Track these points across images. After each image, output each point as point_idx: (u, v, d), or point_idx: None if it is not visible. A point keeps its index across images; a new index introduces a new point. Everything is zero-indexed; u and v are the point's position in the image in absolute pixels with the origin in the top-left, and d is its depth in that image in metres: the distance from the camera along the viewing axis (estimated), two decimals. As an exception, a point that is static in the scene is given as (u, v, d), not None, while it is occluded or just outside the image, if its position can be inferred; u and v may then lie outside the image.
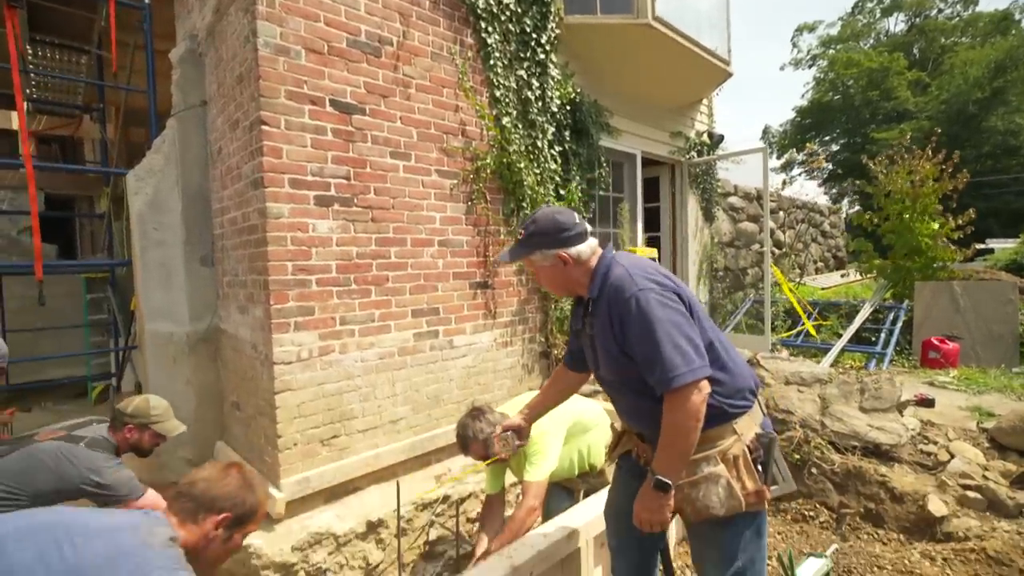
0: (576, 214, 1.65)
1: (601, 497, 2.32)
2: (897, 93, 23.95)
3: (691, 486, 1.49)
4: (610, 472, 2.16)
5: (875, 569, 2.58)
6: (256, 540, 2.35)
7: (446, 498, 2.90)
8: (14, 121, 8.37)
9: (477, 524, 2.41)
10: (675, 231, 6.23)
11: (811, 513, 3.09)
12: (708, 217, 6.57)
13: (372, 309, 2.89)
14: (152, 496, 2.13)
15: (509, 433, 1.96)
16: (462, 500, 2.99)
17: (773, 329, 6.02)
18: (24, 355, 6.19)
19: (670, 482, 1.42)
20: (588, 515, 2.13)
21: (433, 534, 2.84)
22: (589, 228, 1.66)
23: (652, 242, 6.02)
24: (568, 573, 2.05)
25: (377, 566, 2.59)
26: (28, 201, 7.40)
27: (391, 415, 2.98)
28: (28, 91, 6.49)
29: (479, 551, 2.30)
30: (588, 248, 1.61)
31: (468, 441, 2.27)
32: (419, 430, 3.12)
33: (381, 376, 2.93)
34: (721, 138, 6.29)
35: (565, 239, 1.57)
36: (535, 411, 2.04)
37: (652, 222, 6.12)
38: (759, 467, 1.49)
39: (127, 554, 1.07)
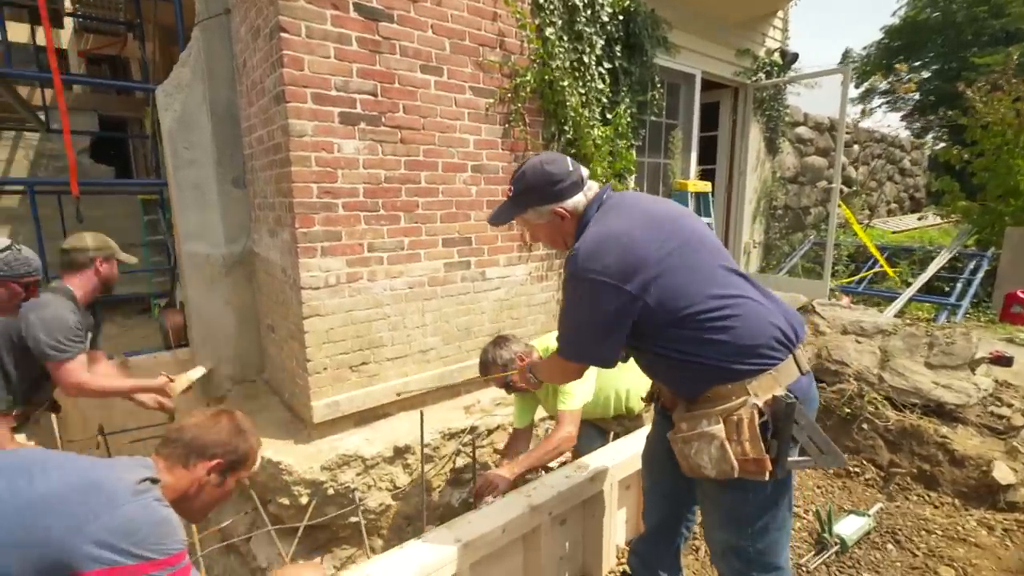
0: (568, 160, 1.48)
1: (630, 440, 2.23)
2: (1010, 9, 20.63)
3: (684, 442, 1.39)
4: (649, 417, 2.05)
5: (922, 532, 2.42)
6: (287, 458, 2.43)
7: (473, 429, 2.90)
8: (64, 40, 8.43)
9: (501, 454, 2.40)
10: (732, 164, 5.73)
11: (856, 469, 2.92)
12: (771, 149, 5.99)
13: (401, 237, 2.78)
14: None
15: (529, 368, 1.87)
16: (489, 432, 2.99)
17: (833, 274, 5.58)
18: (89, 271, 6.57)
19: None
20: (615, 457, 2.05)
21: (460, 462, 2.87)
22: (585, 173, 1.51)
23: (706, 176, 5.57)
24: (590, 514, 2.00)
25: (404, 489, 2.65)
26: (84, 122, 7.55)
27: (420, 345, 2.94)
28: (73, 6, 6.45)
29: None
30: (585, 198, 1.48)
31: (488, 366, 2.24)
32: (449, 361, 3.09)
33: (411, 306, 2.87)
34: (795, 57, 5.58)
35: (559, 192, 1.43)
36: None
37: (707, 153, 5.64)
38: (768, 434, 1.32)
39: (98, 486, 1.05)
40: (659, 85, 4.25)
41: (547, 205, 1.45)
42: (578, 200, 1.46)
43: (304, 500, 2.41)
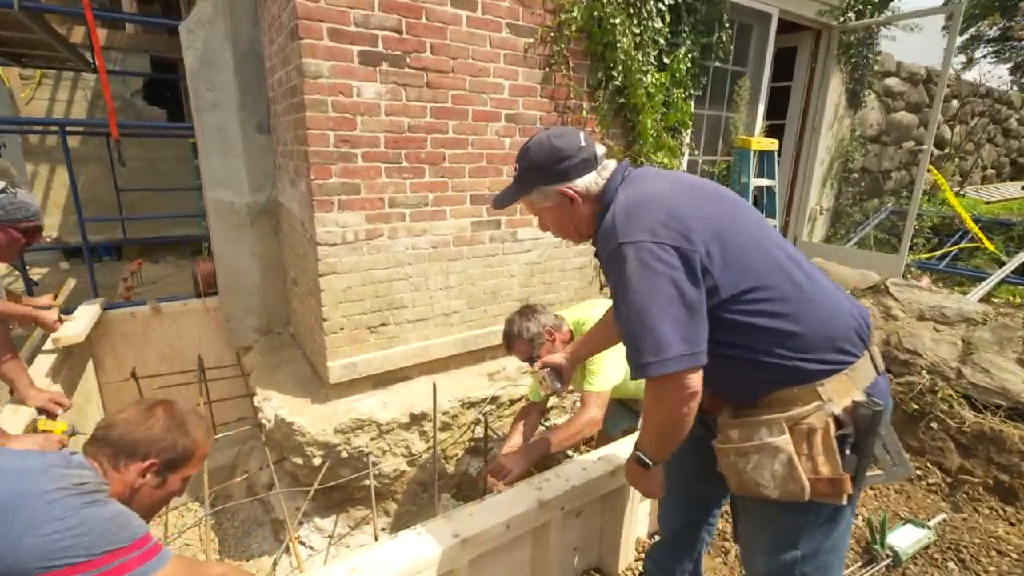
0: (581, 134, 1.26)
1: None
2: None
3: (738, 454, 1.16)
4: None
5: (993, 553, 2.13)
6: (301, 418, 2.37)
7: (494, 399, 2.76)
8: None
9: (511, 428, 2.25)
10: (806, 119, 5.11)
11: (919, 472, 2.61)
12: (853, 103, 5.30)
13: (425, 192, 2.58)
14: None
15: (547, 371, 1.68)
16: (512, 402, 2.85)
17: (911, 248, 4.98)
18: (143, 213, 6.82)
19: (650, 462, 1.23)
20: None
21: (479, 431, 2.76)
22: (602, 150, 1.25)
23: (773, 132, 5.00)
24: (609, 508, 1.83)
25: (419, 456, 2.57)
26: (136, 63, 7.57)
27: (444, 308, 2.79)
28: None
29: (509, 443, 2.17)
30: (599, 178, 1.26)
31: (512, 338, 2.08)
32: (474, 325, 2.93)
33: (434, 266, 2.70)
34: (894, -6, 4.80)
35: (566, 170, 1.23)
36: (580, 352, 1.76)
37: (777, 106, 5.04)
38: (847, 447, 1.09)
39: (23, 502, 0.93)
40: (727, 26, 3.73)
41: (553, 185, 1.25)
42: (589, 180, 1.24)
43: (317, 461, 2.37)
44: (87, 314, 2.86)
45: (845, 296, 1.23)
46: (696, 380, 1.08)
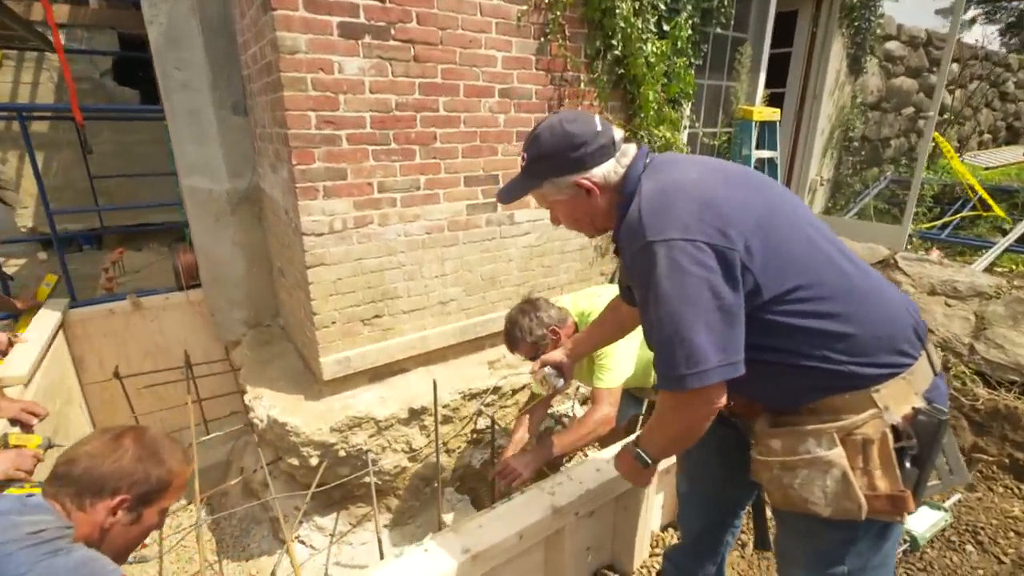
0: (596, 118, 1.12)
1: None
2: None
3: (783, 467, 1.06)
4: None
5: (1011, 534, 2.09)
6: (294, 418, 2.26)
7: (496, 389, 2.66)
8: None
9: (516, 423, 2.16)
10: (806, 86, 4.95)
11: (931, 451, 2.55)
12: (854, 68, 5.14)
13: (416, 175, 2.42)
14: None
15: (549, 369, 1.59)
16: (514, 391, 2.75)
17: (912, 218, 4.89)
18: (122, 200, 6.55)
19: (650, 462, 1.19)
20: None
21: (481, 423, 2.67)
22: (620, 134, 1.14)
23: (773, 101, 4.83)
24: (623, 506, 1.75)
25: (420, 451, 2.48)
26: (104, 42, 7.18)
27: (440, 296, 2.66)
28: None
29: (515, 438, 2.08)
30: (619, 166, 1.12)
31: (515, 340, 1.98)
32: (472, 313, 2.81)
33: (428, 253, 2.56)
34: (900, -49, 4.58)
35: (582, 158, 1.10)
36: (581, 348, 1.66)
37: (776, 73, 4.86)
38: (907, 460, 0.99)
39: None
40: (729, -12, 3.53)
41: (567, 176, 1.11)
42: (608, 169, 1.11)
43: (314, 462, 2.27)
44: (43, 332, 2.57)
45: (896, 290, 1.12)
46: (724, 392, 1.00)
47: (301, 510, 2.36)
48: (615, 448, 1.74)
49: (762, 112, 4.15)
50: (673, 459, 1.80)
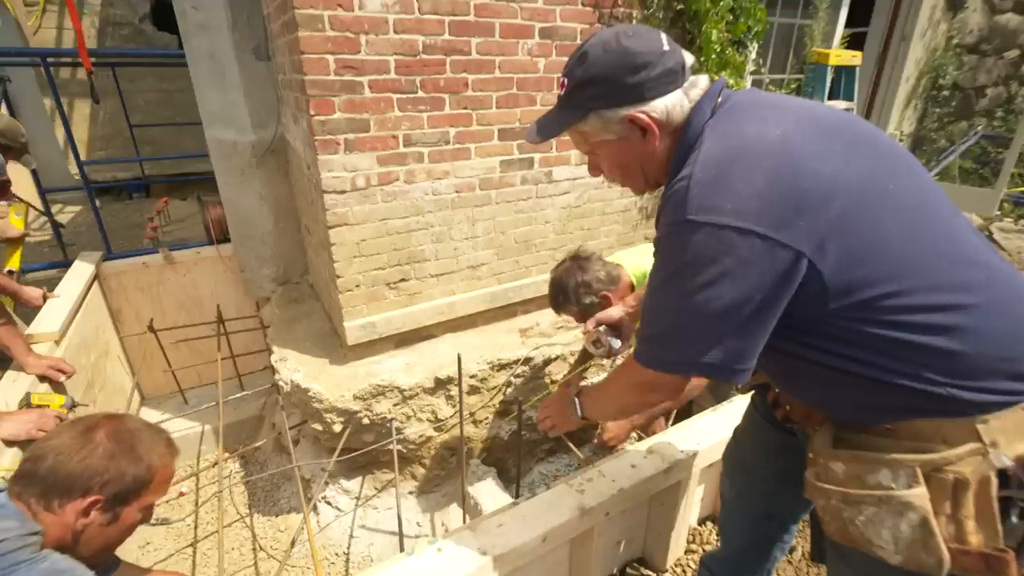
0: (662, 35, 0.88)
1: (724, 415, 1.73)
2: None
3: (845, 500, 0.86)
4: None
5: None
6: (317, 384, 2.19)
7: (527, 360, 2.52)
8: None
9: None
10: (893, 26, 4.32)
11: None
12: (953, 3, 4.44)
13: (446, 127, 2.20)
14: None
15: (604, 329, 1.37)
16: (547, 362, 2.60)
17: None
18: (166, 149, 6.62)
19: (587, 418, 1.18)
20: (701, 439, 1.58)
21: (510, 393, 2.55)
22: (688, 60, 0.91)
23: (855, 43, 4.25)
24: (658, 502, 1.60)
25: (446, 421, 2.39)
26: (134, -19, 7.00)
27: (470, 260, 2.49)
28: None
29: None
30: (686, 100, 0.90)
31: (561, 302, 1.82)
32: (504, 278, 2.64)
33: (458, 213, 2.37)
34: None
35: (642, 84, 0.87)
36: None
37: (860, 10, 4.25)
38: (1013, 512, 0.77)
39: None
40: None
41: (620, 108, 0.88)
42: (673, 102, 0.88)
43: (338, 428, 2.21)
44: (76, 286, 2.55)
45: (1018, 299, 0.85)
46: (682, 386, 0.96)
47: (326, 471, 2.34)
48: (655, 440, 1.58)
49: (840, 56, 3.64)
50: (718, 455, 1.62)
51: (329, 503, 2.48)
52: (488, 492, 2.36)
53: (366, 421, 2.24)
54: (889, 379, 0.80)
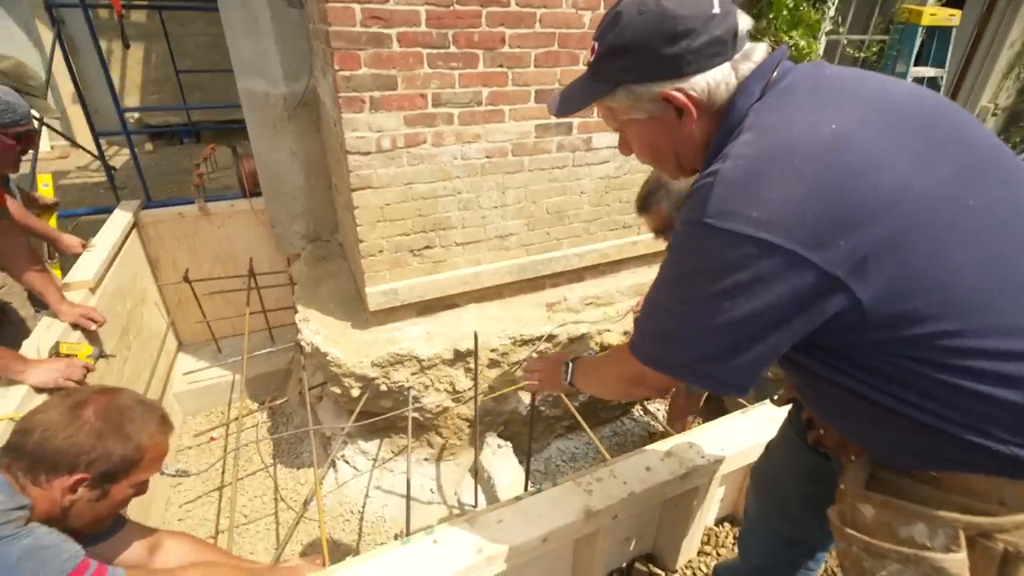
0: None
1: (752, 419, 1.60)
2: None
3: (867, 550, 0.76)
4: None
5: None
6: (336, 349, 2.18)
7: (551, 337, 2.43)
8: None
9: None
10: (1004, -20, 3.75)
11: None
12: (1084, -46, 3.80)
13: (479, 86, 2.06)
14: None
15: None
16: (572, 340, 2.51)
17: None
18: (215, 94, 6.68)
19: (573, 385, 1.17)
20: (726, 445, 1.47)
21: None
22: (744, 24, 0.75)
23: (953, 0, 3.73)
24: (672, 504, 1.51)
25: (463, 393, 2.36)
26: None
27: (498, 229, 2.39)
28: None
29: None
30: (739, 72, 0.75)
31: (659, 197, 1.71)
32: (533, 250, 2.53)
33: (488, 180, 2.25)
34: None
35: (681, 56, 0.72)
36: None
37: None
38: None
39: None
40: None
41: (653, 84, 0.75)
42: (717, 78, 0.74)
43: (355, 393, 2.21)
44: (113, 235, 2.58)
45: None
46: (669, 386, 0.98)
47: (344, 430, 2.36)
48: (674, 442, 1.48)
49: (936, 14, 3.20)
50: (742, 462, 1.51)
51: (347, 462, 2.52)
52: (502, 467, 2.33)
53: (384, 388, 2.23)
54: (944, 427, 0.67)
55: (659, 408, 3.01)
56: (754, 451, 1.45)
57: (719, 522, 1.81)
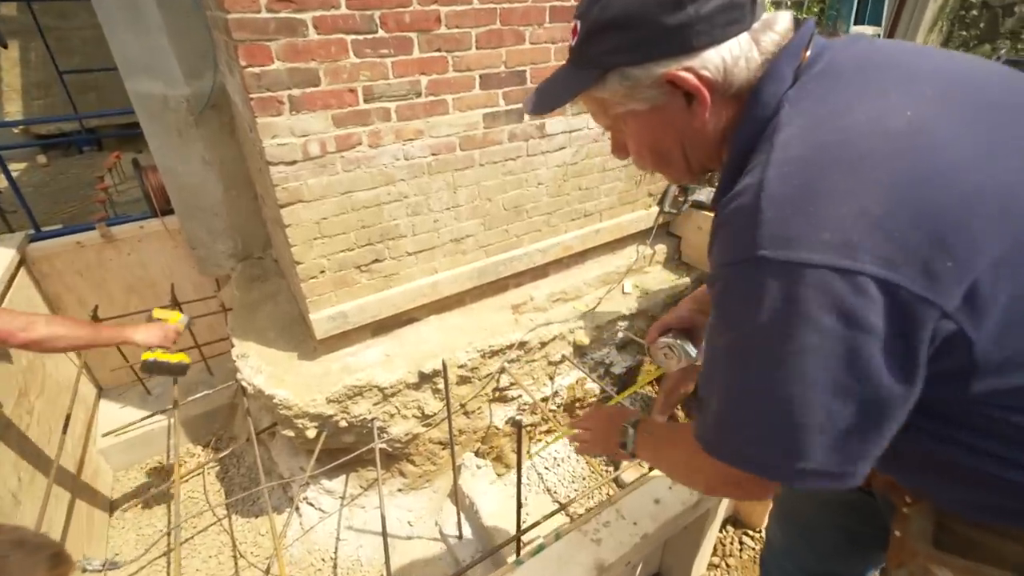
0: None
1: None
2: None
3: None
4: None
5: None
6: (281, 389, 1.91)
7: (522, 344, 2.25)
8: None
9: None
10: (926, -68, 3.79)
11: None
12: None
13: (416, 74, 1.80)
14: None
15: (671, 338, 0.98)
16: (543, 344, 2.34)
17: None
18: (112, 96, 5.94)
19: (636, 456, 0.89)
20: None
21: (504, 380, 2.30)
22: None
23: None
24: (683, 528, 1.39)
25: (434, 416, 2.15)
26: None
27: (453, 232, 2.16)
28: None
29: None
30: (762, 46, 0.58)
31: None
32: (492, 250, 2.32)
33: (436, 179, 2.02)
34: None
35: (688, 26, 0.55)
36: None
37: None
38: None
39: None
40: None
41: (655, 64, 0.58)
42: (735, 53, 0.58)
43: (311, 434, 1.96)
44: None
45: None
46: (768, 489, 0.68)
47: (307, 471, 2.11)
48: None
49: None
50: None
51: (312, 504, 2.28)
52: (483, 490, 2.16)
53: (344, 424, 1.99)
54: None
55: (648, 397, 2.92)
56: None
57: (722, 526, 1.72)
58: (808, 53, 0.58)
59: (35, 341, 1.52)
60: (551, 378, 2.48)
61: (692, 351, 0.97)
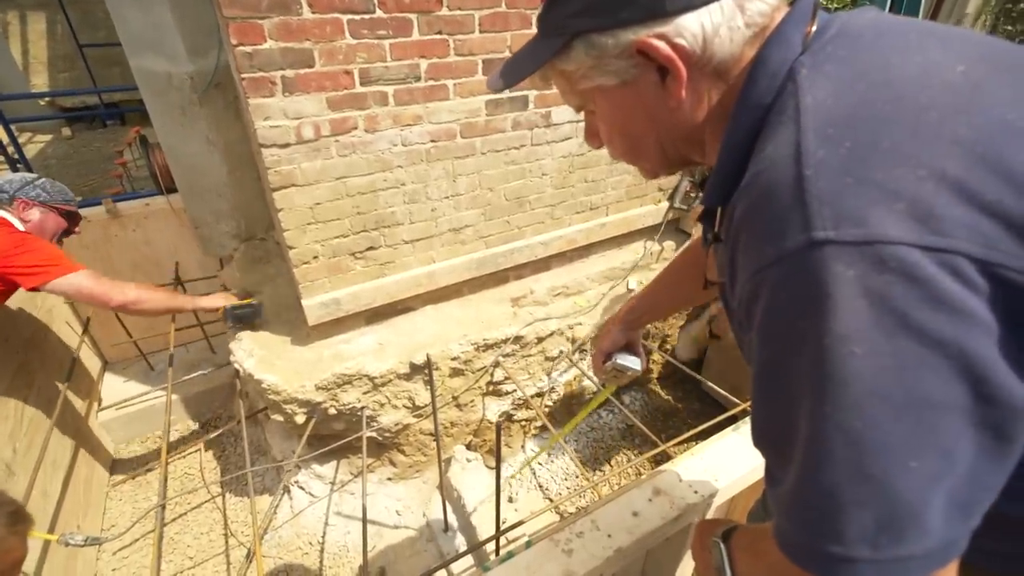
0: None
1: (746, 437, 1.42)
2: None
3: None
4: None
5: None
6: (272, 374, 1.90)
7: (518, 338, 2.20)
8: None
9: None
10: (974, -82, 3.56)
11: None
12: None
13: (415, 58, 1.74)
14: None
15: (616, 360, 1.01)
16: (540, 339, 2.30)
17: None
18: (130, 73, 5.98)
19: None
20: (721, 474, 1.29)
21: (499, 375, 2.27)
22: None
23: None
24: (665, 539, 1.34)
25: (425, 407, 2.13)
26: None
27: (451, 222, 2.12)
28: None
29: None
30: (742, 12, 0.47)
31: None
32: (492, 241, 2.27)
33: (435, 167, 1.97)
34: None
35: None
36: (646, 313, 1.07)
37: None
38: None
39: None
40: None
41: (622, 29, 0.49)
42: (716, 20, 0.48)
43: (300, 419, 1.95)
44: None
45: None
46: None
47: (296, 453, 2.11)
48: (660, 479, 1.29)
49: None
50: (738, 489, 1.34)
51: (302, 488, 2.28)
52: (471, 484, 2.14)
53: (333, 411, 1.98)
54: None
55: (636, 398, 2.86)
56: (751, 475, 1.28)
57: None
58: (814, 27, 0.50)
59: (129, 303, 1.84)
60: (548, 374, 2.44)
61: (637, 362, 1.05)
